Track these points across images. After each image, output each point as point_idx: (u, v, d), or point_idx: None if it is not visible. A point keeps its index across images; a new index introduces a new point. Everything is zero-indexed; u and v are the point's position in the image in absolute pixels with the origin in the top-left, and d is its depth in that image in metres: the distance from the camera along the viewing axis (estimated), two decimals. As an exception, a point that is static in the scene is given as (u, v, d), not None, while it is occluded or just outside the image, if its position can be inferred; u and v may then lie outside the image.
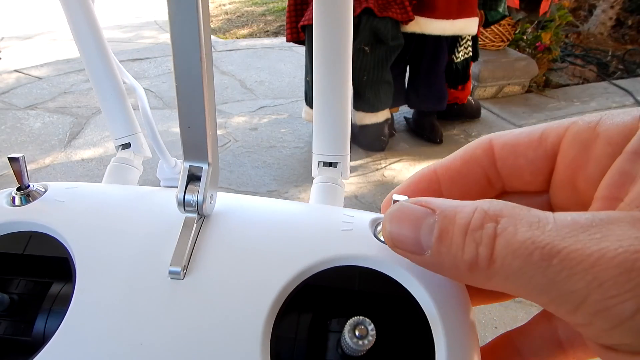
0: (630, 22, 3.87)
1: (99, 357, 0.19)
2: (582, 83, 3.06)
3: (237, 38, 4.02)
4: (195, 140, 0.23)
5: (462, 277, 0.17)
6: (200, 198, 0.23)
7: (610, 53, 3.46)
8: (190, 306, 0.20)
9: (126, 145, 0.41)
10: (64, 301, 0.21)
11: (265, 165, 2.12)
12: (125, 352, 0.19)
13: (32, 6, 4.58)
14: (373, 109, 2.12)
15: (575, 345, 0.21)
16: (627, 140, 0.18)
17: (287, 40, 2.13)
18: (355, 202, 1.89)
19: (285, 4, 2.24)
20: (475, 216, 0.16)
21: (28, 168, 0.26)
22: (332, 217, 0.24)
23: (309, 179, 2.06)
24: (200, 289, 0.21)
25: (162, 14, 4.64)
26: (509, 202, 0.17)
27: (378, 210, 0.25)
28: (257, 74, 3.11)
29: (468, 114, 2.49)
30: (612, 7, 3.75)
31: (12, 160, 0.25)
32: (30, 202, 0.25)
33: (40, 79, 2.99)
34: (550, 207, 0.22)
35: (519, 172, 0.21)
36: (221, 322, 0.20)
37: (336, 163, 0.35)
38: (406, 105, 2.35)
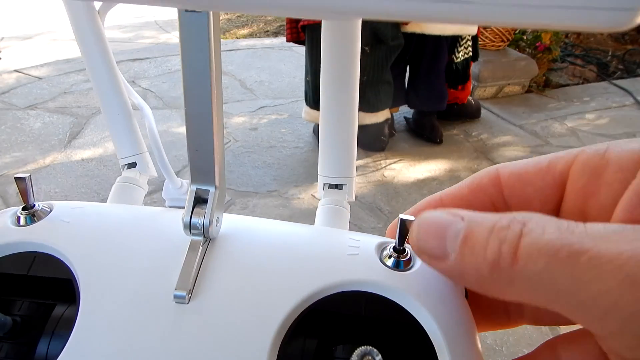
0: (630, 22, 3.86)
1: None
2: (582, 83, 3.06)
3: (237, 38, 4.02)
4: (202, 163, 0.23)
5: (484, 281, 0.16)
6: (206, 221, 0.23)
7: (610, 53, 3.46)
8: (195, 331, 0.20)
9: (132, 165, 0.42)
10: (68, 324, 0.21)
11: (265, 165, 2.12)
12: None
13: (32, 6, 4.58)
14: (373, 109, 2.11)
15: None
16: (638, 165, 0.17)
17: (287, 40, 2.13)
18: (356, 202, 1.89)
19: (285, 4, 2.24)
20: (503, 218, 0.16)
21: (28, 168, 0.26)
22: (338, 241, 0.24)
23: (309, 179, 2.06)
24: (205, 314, 0.21)
25: (162, 14, 4.64)
26: (537, 213, 0.16)
27: (379, 210, 0.25)
28: (257, 74, 3.11)
29: (468, 114, 2.49)
30: (612, 7, 3.75)
31: (18, 180, 0.25)
32: (35, 222, 0.25)
33: (40, 79, 2.99)
34: None
35: (527, 200, 0.21)
36: (226, 348, 0.20)
37: (342, 185, 0.35)
38: (406, 105, 2.35)
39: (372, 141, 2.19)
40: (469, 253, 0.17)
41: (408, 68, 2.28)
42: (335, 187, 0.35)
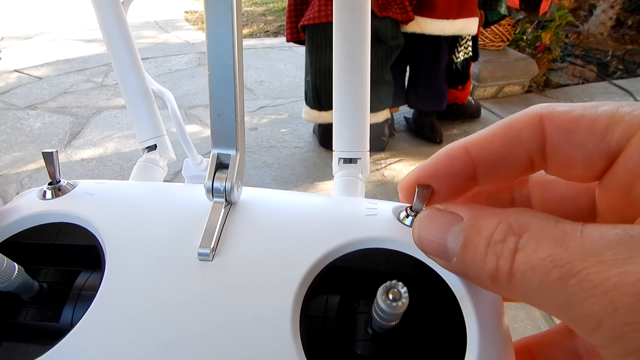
0: (630, 22, 3.87)
1: (128, 336, 0.19)
2: (582, 83, 3.06)
3: (237, 38, 4.01)
4: (224, 128, 0.23)
5: (487, 287, 0.17)
6: (228, 185, 0.23)
7: (610, 53, 3.46)
8: (219, 287, 0.21)
9: (152, 147, 0.43)
10: (93, 288, 0.21)
11: (265, 165, 2.12)
12: (154, 330, 0.19)
13: (32, 6, 4.58)
14: (373, 108, 2.11)
15: None
16: None
17: (287, 40, 2.13)
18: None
19: (285, 4, 2.24)
20: (499, 228, 0.16)
21: (28, 168, 0.26)
22: (356, 205, 0.25)
23: (309, 179, 2.06)
24: (229, 270, 0.21)
25: (162, 14, 4.64)
26: (537, 213, 0.16)
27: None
28: (257, 74, 3.11)
29: (468, 114, 2.49)
30: (612, 7, 3.75)
31: (46, 155, 0.26)
32: (60, 195, 0.26)
33: (40, 79, 2.99)
34: (592, 198, 0.20)
35: (571, 163, 0.18)
36: (250, 302, 0.20)
37: (356, 159, 0.36)
38: (406, 105, 2.35)
39: (372, 141, 2.18)
40: (469, 261, 0.17)
41: (408, 68, 2.28)
42: (350, 161, 0.36)
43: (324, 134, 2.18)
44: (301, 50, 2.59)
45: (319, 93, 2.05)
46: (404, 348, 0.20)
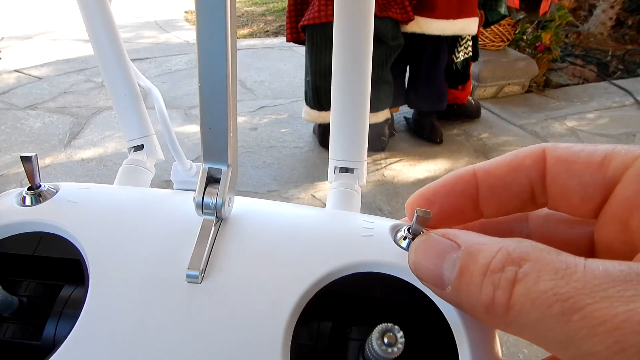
0: (630, 22, 3.87)
1: None
2: (582, 83, 3.06)
3: (237, 38, 4.01)
4: (215, 141, 0.22)
5: (481, 318, 0.16)
6: (219, 201, 0.22)
7: (610, 53, 3.46)
8: (208, 311, 0.20)
9: (139, 147, 0.41)
10: (76, 305, 0.21)
11: (265, 165, 2.12)
12: (140, 358, 0.19)
13: (32, 6, 4.58)
14: (373, 108, 2.11)
15: None
16: None
17: (287, 40, 2.13)
18: (355, 202, 1.89)
19: (285, 4, 2.24)
20: (498, 257, 0.15)
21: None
22: (352, 223, 0.24)
23: (309, 179, 2.06)
24: (218, 293, 0.20)
25: (162, 14, 4.64)
26: (538, 244, 0.16)
27: (379, 210, 0.25)
28: (257, 74, 3.11)
29: (468, 114, 2.49)
30: (612, 7, 3.75)
31: (24, 159, 0.24)
32: (41, 202, 0.24)
33: (40, 79, 2.99)
34: (592, 240, 0.20)
35: (569, 194, 0.19)
36: (240, 328, 0.19)
37: (353, 169, 0.35)
38: (406, 105, 2.35)
39: (372, 141, 2.18)
40: (464, 290, 0.16)
41: (408, 68, 2.28)
42: (347, 170, 0.35)
43: (324, 134, 2.18)
44: (301, 50, 2.59)
45: (319, 93, 2.05)
46: None
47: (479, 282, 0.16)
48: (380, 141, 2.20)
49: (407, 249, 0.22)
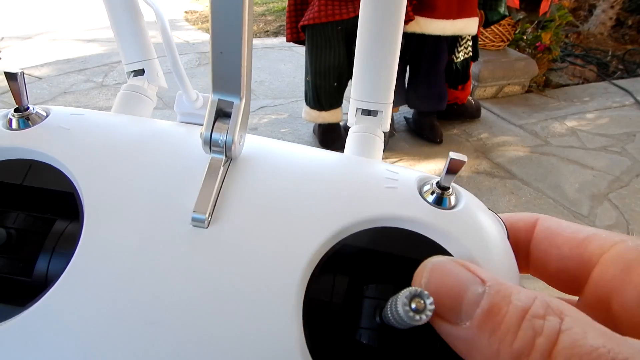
0: (630, 22, 3.87)
1: (111, 308, 0.17)
2: (582, 83, 3.06)
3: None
4: (227, 69, 0.19)
5: None
6: (229, 138, 0.20)
7: (610, 53, 3.46)
8: (213, 259, 0.18)
9: (139, 72, 0.36)
10: (70, 242, 0.19)
11: (265, 165, 2.12)
12: (139, 305, 0.17)
13: (32, 6, 4.58)
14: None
15: None
16: None
17: (287, 40, 2.13)
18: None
19: (285, 3, 2.24)
20: (537, 304, 0.14)
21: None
22: (375, 172, 0.22)
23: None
24: (225, 241, 0.18)
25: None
26: (570, 305, 0.15)
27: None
28: (257, 74, 3.11)
29: (468, 114, 2.49)
30: (612, 7, 3.75)
31: (9, 76, 0.22)
32: (30, 126, 0.22)
33: (41, 79, 2.99)
34: None
35: (548, 262, 0.20)
36: (249, 281, 0.17)
37: (376, 112, 0.31)
38: (406, 105, 2.35)
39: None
40: (490, 330, 0.14)
41: (408, 68, 2.28)
42: (369, 113, 0.31)
43: (324, 134, 2.18)
44: (301, 50, 2.59)
45: (319, 93, 2.05)
46: (414, 341, 0.18)
47: (515, 325, 0.14)
48: (380, 141, 2.20)
49: (434, 204, 0.20)
